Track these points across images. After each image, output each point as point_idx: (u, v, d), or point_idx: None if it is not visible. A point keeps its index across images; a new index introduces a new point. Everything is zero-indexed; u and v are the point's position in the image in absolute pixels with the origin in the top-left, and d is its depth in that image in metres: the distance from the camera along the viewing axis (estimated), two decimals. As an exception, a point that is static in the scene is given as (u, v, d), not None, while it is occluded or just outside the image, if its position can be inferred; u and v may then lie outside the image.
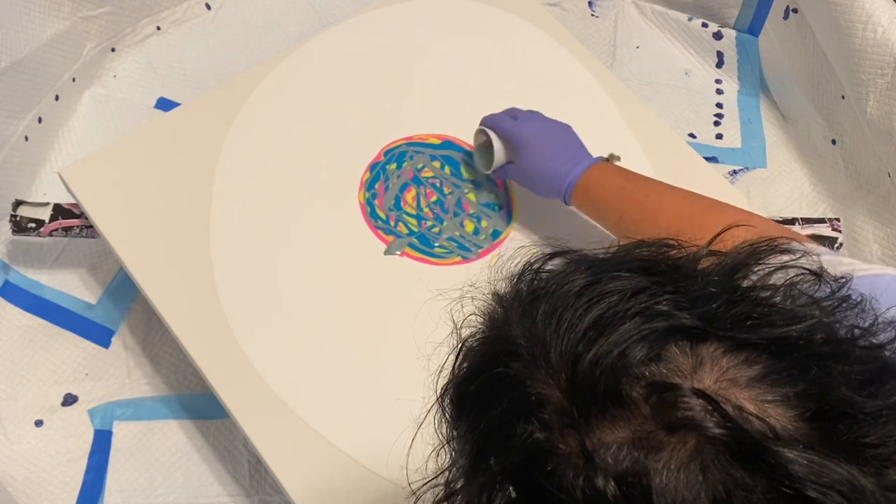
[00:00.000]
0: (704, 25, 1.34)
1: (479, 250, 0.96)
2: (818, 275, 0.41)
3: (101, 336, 1.08)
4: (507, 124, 0.90)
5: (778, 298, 0.39)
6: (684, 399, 0.35)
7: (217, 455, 1.01)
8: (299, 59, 1.07)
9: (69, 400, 1.04)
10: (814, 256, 0.42)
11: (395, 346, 0.89)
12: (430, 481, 0.47)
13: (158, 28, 1.30)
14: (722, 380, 0.36)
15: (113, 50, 1.27)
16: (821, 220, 1.08)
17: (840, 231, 1.07)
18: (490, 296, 0.46)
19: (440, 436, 0.46)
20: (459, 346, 0.45)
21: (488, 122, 0.92)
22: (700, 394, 0.35)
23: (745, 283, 0.40)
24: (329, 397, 0.86)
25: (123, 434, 1.02)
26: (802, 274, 0.41)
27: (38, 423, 1.02)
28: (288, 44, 1.14)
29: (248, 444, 0.85)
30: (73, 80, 1.21)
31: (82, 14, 1.20)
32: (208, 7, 1.34)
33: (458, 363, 0.45)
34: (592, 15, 1.39)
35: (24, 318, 1.08)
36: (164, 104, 1.25)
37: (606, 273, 0.40)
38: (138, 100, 1.25)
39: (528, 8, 1.14)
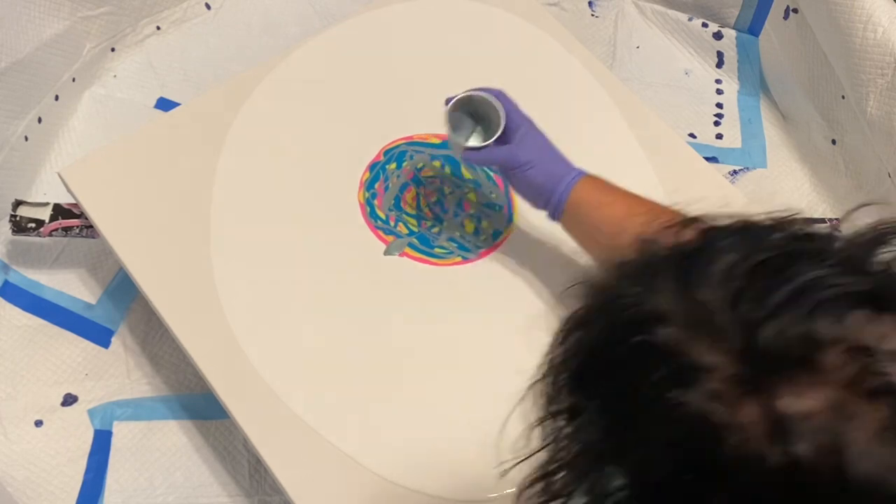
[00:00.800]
0: (704, 25, 1.34)
1: (480, 250, 0.95)
2: None
3: (100, 336, 1.08)
4: (512, 106, 0.86)
5: None
6: (881, 363, 0.34)
7: (217, 455, 1.01)
8: (299, 60, 1.07)
9: (69, 400, 1.04)
10: None
11: (395, 347, 0.89)
12: (525, 459, 0.45)
13: (158, 28, 1.30)
14: None
15: (113, 50, 1.27)
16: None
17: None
18: (601, 268, 0.44)
19: (532, 415, 0.44)
20: (569, 317, 0.43)
21: (491, 93, 0.86)
22: None
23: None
24: (329, 397, 0.86)
25: (123, 434, 1.02)
26: None
27: (38, 423, 1.02)
28: (288, 44, 1.14)
29: (248, 444, 0.85)
30: (73, 80, 1.21)
31: (82, 14, 1.20)
32: (208, 7, 1.34)
33: (566, 336, 0.43)
34: (592, 15, 1.39)
35: (23, 318, 1.08)
36: (164, 104, 1.25)
37: (759, 241, 0.39)
38: (138, 100, 1.25)
39: (528, 8, 1.14)
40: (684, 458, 0.37)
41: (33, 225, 1.04)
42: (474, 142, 0.86)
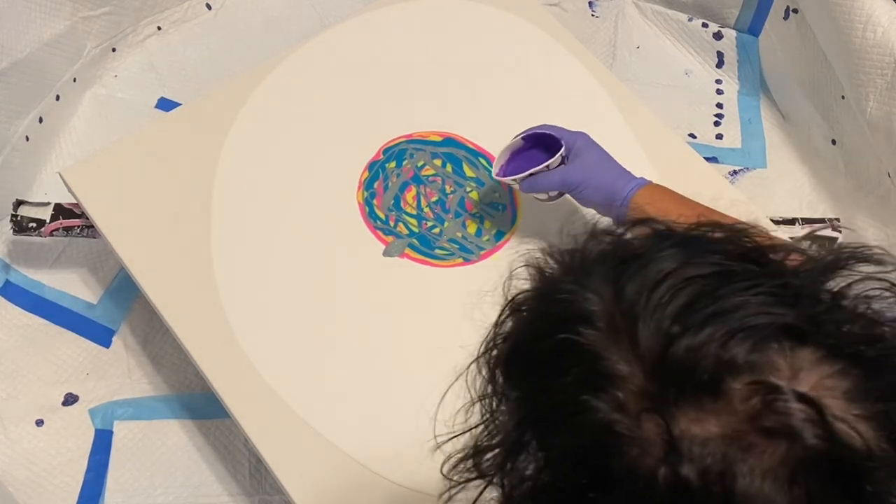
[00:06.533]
0: (704, 26, 1.34)
1: (482, 252, 0.95)
2: None
3: (101, 336, 1.08)
4: (563, 130, 0.86)
5: (863, 310, 0.38)
6: (785, 403, 0.34)
7: (217, 455, 1.01)
8: (300, 60, 1.07)
9: (70, 399, 1.04)
10: None
11: (394, 347, 0.89)
12: (456, 436, 0.45)
13: (159, 28, 1.31)
14: (819, 388, 0.34)
15: (114, 50, 1.27)
16: (821, 221, 1.08)
17: (840, 231, 1.07)
18: (548, 251, 0.43)
19: (473, 393, 0.44)
20: (510, 299, 0.43)
21: (546, 128, 0.87)
22: (804, 399, 0.34)
23: (830, 286, 0.38)
24: (329, 397, 0.86)
25: (124, 434, 1.02)
26: (881, 289, 0.38)
27: (39, 423, 1.02)
28: (288, 44, 1.14)
29: (249, 443, 0.85)
30: (74, 80, 1.21)
31: (83, 14, 1.20)
32: (209, 7, 1.34)
33: (504, 318, 0.43)
34: (593, 15, 1.39)
35: (24, 318, 1.08)
36: (165, 104, 1.25)
37: (701, 252, 0.38)
38: (139, 100, 1.26)
39: (528, 8, 1.14)
40: (583, 463, 0.37)
41: (34, 225, 1.04)
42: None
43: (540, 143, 0.88)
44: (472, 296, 0.49)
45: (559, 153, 0.84)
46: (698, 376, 0.35)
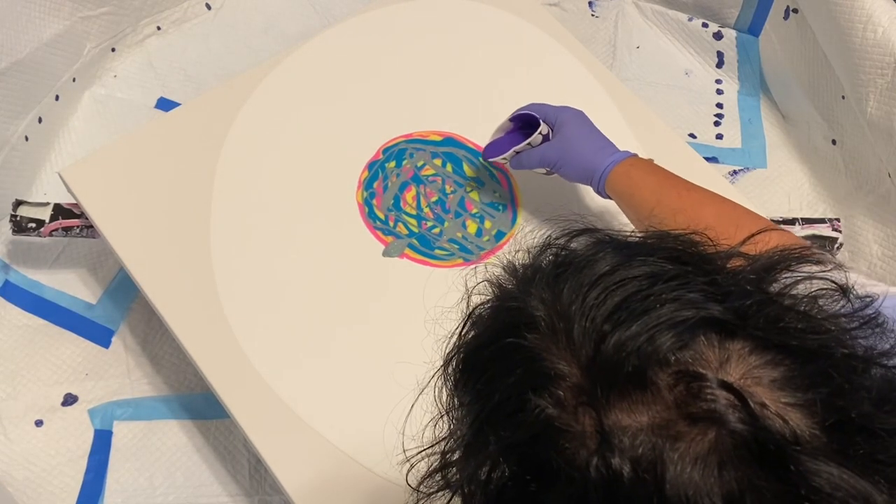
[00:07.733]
0: (705, 25, 1.34)
1: (482, 252, 0.95)
2: (845, 290, 0.41)
3: (101, 336, 1.08)
4: (547, 107, 0.89)
5: (806, 307, 0.39)
6: (710, 390, 0.35)
7: (217, 455, 1.01)
8: (299, 59, 1.07)
9: (69, 400, 1.04)
10: (844, 271, 0.42)
11: (394, 347, 0.89)
12: (425, 450, 0.46)
13: (159, 28, 1.31)
14: (747, 377, 0.36)
15: (113, 50, 1.27)
16: (821, 221, 1.08)
17: (840, 231, 1.07)
18: (504, 266, 0.45)
19: (439, 405, 0.46)
20: (469, 312, 0.45)
21: (531, 108, 0.90)
22: (727, 387, 0.35)
23: (773, 288, 0.40)
24: (329, 397, 0.86)
25: (123, 434, 1.02)
26: (827, 288, 0.40)
27: (39, 423, 1.02)
28: (288, 44, 1.15)
29: (248, 444, 0.85)
30: (74, 80, 1.21)
31: (82, 14, 1.20)
32: (208, 7, 1.34)
33: (465, 330, 0.45)
34: (592, 15, 1.39)
35: (24, 318, 1.08)
36: (165, 104, 1.25)
37: (637, 256, 0.40)
38: (138, 100, 1.26)
39: (528, 8, 1.14)
40: (526, 459, 0.39)
41: (34, 225, 1.04)
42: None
43: (529, 123, 0.90)
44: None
45: (537, 131, 0.87)
46: (627, 370, 0.37)
